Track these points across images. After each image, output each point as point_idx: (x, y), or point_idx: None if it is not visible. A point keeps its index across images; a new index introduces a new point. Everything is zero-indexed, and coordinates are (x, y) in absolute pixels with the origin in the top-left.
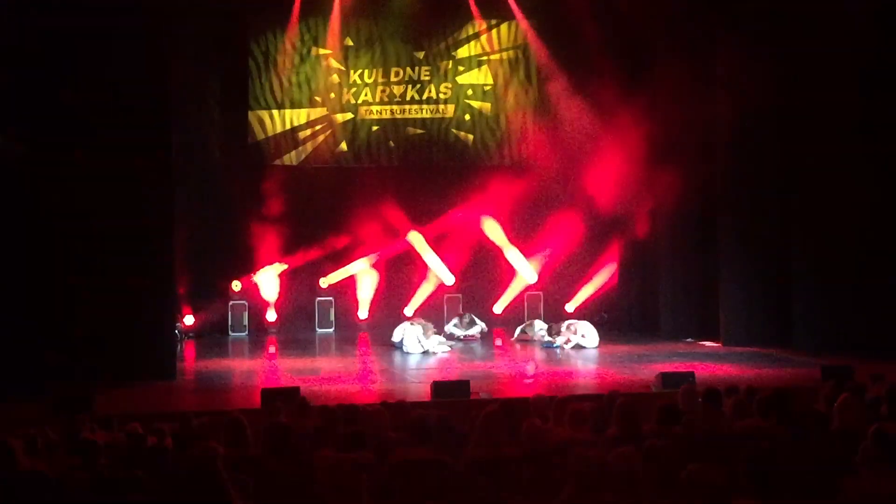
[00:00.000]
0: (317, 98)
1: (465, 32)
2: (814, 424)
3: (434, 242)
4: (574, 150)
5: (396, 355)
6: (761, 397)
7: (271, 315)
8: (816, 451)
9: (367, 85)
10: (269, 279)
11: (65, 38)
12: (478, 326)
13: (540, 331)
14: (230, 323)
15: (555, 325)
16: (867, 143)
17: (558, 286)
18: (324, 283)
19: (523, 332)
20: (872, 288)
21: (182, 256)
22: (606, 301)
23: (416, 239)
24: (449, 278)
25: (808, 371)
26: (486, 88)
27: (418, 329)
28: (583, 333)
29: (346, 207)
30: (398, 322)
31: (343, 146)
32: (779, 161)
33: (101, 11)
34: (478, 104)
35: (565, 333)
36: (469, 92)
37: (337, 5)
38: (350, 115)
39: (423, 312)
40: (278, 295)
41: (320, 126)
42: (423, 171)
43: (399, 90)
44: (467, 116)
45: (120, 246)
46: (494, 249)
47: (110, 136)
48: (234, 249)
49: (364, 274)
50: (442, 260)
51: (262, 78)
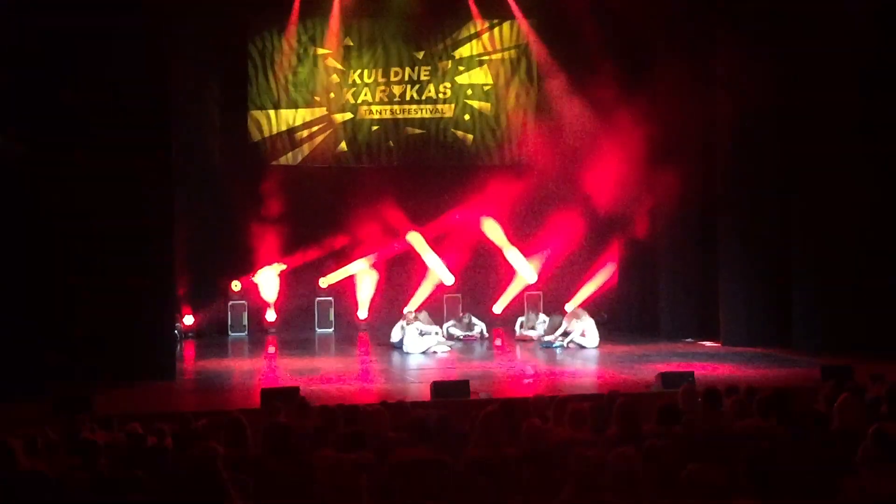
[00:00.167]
0: (316, 98)
1: (464, 32)
2: (814, 424)
3: (434, 242)
4: (574, 149)
5: (396, 355)
6: (761, 397)
7: (271, 315)
8: (816, 452)
9: (367, 85)
10: (268, 279)
11: (65, 38)
12: (477, 327)
13: (542, 323)
14: (230, 323)
15: (555, 318)
16: (867, 143)
17: (558, 286)
18: (323, 283)
19: (524, 329)
20: (872, 288)
21: (182, 256)
22: (606, 301)
23: (415, 239)
24: (449, 278)
25: (808, 371)
26: (485, 88)
27: (417, 325)
28: (583, 332)
29: (346, 207)
30: (398, 322)
31: (343, 146)
32: (779, 161)
33: (100, 11)
34: (477, 104)
35: (567, 323)
36: (469, 92)
37: (336, 5)
38: (349, 115)
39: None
40: (278, 295)
41: (320, 126)
42: (422, 171)
43: (399, 90)
44: (467, 116)
45: (120, 246)
46: (494, 249)
47: (110, 136)
48: (234, 249)
49: (364, 274)
50: (442, 260)
51: (261, 78)
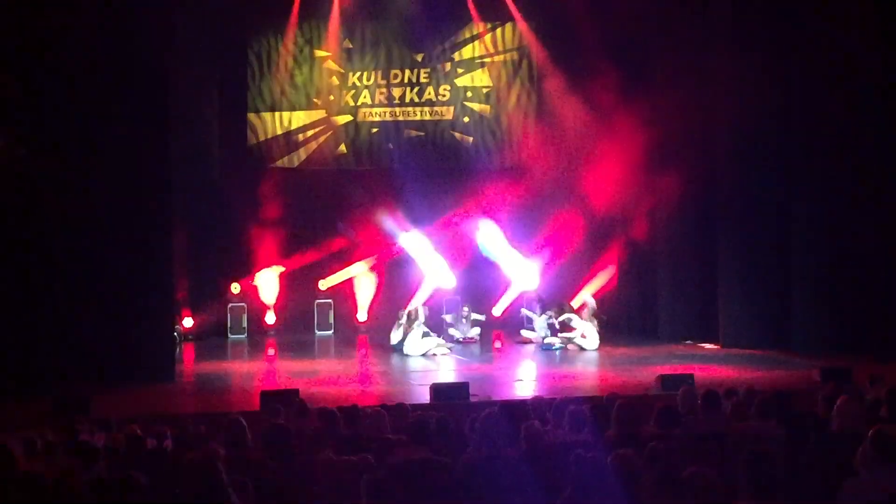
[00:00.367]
0: (316, 100)
1: (464, 35)
2: (813, 426)
3: (434, 244)
4: (573, 151)
5: (395, 358)
6: (761, 399)
7: (270, 317)
8: (816, 453)
9: (367, 87)
10: (268, 281)
11: (64, 37)
12: (476, 329)
13: (544, 317)
14: (229, 325)
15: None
16: (867, 143)
17: (558, 288)
18: (323, 285)
19: (525, 328)
20: (872, 289)
21: (181, 258)
22: (606, 303)
23: (415, 241)
24: (448, 280)
25: (808, 373)
26: (485, 90)
27: (421, 326)
28: (583, 333)
29: (346, 209)
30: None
31: (342, 148)
32: (778, 162)
33: (100, 11)
34: (477, 106)
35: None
36: (468, 94)
37: (336, 7)
38: (349, 118)
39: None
40: (277, 297)
41: (319, 128)
42: (422, 173)
43: (398, 92)
44: (466, 118)
45: (119, 248)
46: (494, 251)
47: (110, 139)
48: (233, 252)
49: (363, 276)
50: (441, 262)
51: (261, 80)
